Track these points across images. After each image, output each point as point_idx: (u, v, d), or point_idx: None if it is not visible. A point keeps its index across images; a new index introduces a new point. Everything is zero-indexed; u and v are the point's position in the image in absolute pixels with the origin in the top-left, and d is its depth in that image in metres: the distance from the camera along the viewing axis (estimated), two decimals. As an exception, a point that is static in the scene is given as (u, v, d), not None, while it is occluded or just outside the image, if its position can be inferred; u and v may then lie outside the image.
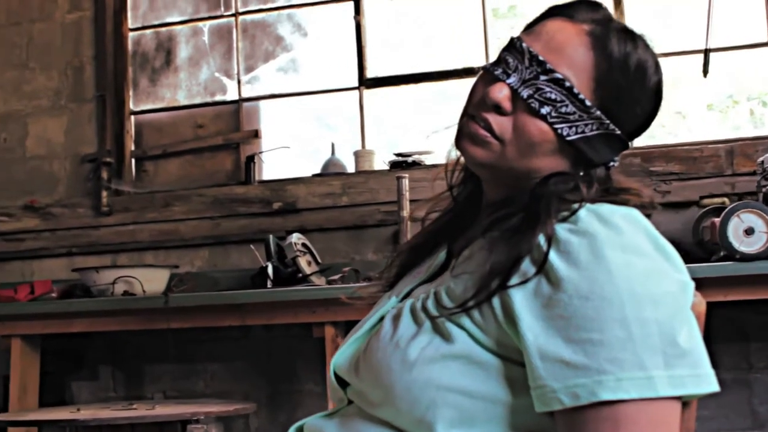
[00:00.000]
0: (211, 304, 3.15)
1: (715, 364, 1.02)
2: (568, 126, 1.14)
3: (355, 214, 3.76)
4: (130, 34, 4.30)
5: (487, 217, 1.18)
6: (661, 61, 1.20)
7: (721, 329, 3.31)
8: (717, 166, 3.43)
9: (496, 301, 1.04)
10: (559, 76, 1.13)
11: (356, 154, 3.86)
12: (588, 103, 1.14)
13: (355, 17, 3.98)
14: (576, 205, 1.07)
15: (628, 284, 0.99)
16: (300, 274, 3.32)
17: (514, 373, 1.04)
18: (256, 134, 4.06)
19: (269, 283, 3.30)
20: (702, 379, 1.00)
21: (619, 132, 1.17)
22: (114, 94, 4.20)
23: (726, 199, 3.31)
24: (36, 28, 4.35)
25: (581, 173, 1.16)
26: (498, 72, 1.16)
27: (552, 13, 1.21)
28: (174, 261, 3.93)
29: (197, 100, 4.22)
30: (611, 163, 1.19)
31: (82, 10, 4.29)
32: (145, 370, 3.98)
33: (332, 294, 3.03)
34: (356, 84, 3.97)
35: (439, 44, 3.96)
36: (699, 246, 3.19)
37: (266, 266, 3.33)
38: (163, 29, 4.29)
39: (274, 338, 3.76)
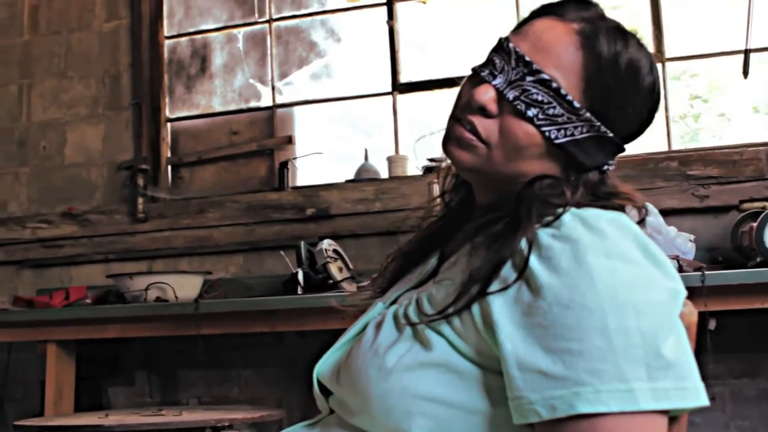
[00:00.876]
0: (241, 311, 3.14)
1: (756, 372, 0.97)
2: (556, 128, 1.10)
3: (388, 219, 3.74)
4: (166, 42, 4.32)
5: (473, 222, 1.14)
6: (702, 62, 1.15)
7: (760, 337, 3.23)
8: (757, 169, 3.34)
9: (475, 309, 1.00)
10: (545, 76, 1.09)
11: (389, 160, 3.84)
12: (576, 104, 1.09)
13: (388, 22, 3.96)
14: (561, 210, 1.03)
15: (611, 292, 0.94)
16: (330, 281, 3.30)
17: (493, 382, 1.00)
18: (289, 140, 4.05)
19: (300, 290, 3.29)
20: (689, 392, 0.95)
21: (611, 135, 1.13)
22: (150, 102, 4.23)
23: (767, 204, 3.23)
24: (74, 38, 4.40)
25: (571, 177, 1.12)
26: (484, 73, 1.13)
27: (541, 12, 1.17)
28: (209, 267, 3.93)
29: (232, 107, 4.23)
30: (605, 167, 1.15)
31: (119, 19, 4.32)
32: (180, 376, 3.99)
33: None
34: (389, 89, 3.95)
35: (472, 48, 3.92)
36: (737, 251, 3.12)
37: (297, 272, 3.32)
38: (198, 36, 4.32)
39: (307, 344, 3.75)
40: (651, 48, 1.18)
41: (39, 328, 3.41)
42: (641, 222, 1.11)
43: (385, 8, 3.98)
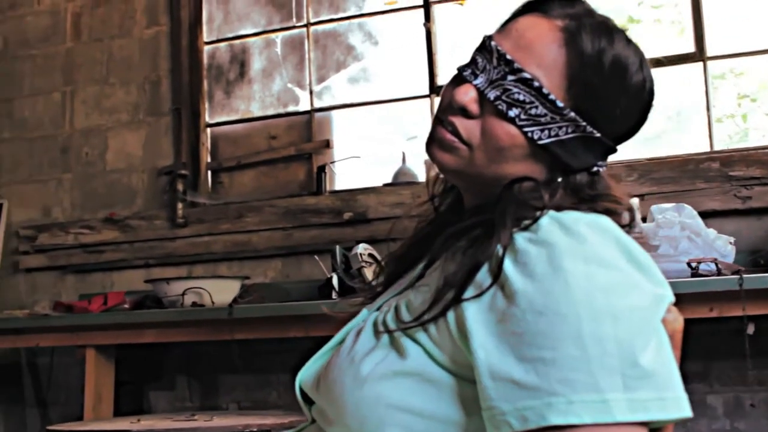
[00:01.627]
0: (275, 315, 3.14)
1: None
2: (539, 129, 1.06)
3: (426, 223, 3.70)
4: (205, 48, 4.34)
5: (455, 226, 1.11)
6: (750, 61, 1.11)
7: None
8: (803, 169, 3.25)
9: (450, 316, 0.97)
10: (527, 75, 1.05)
11: (427, 163, 3.80)
12: (560, 104, 1.05)
13: (425, 24, 3.93)
14: (540, 213, 1.00)
15: (587, 298, 0.90)
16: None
17: (468, 392, 0.97)
18: (327, 144, 4.04)
19: (334, 294, 3.27)
20: (669, 403, 0.90)
21: (598, 135, 1.08)
22: (189, 107, 4.25)
23: (812, 205, 3.14)
24: (116, 45, 4.44)
25: (558, 179, 1.08)
26: (467, 73, 1.10)
27: (526, 8, 1.13)
28: (248, 272, 3.94)
29: (270, 112, 4.23)
30: (594, 168, 1.11)
31: (158, 26, 4.36)
32: (220, 381, 3.99)
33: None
34: (427, 92, 3.92)
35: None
36: (781, 254, 3.03)
37: (331, 277, 3.31)
38: (237, 42, 4.33)
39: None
40: (690, 46, 1.14)
41: (78, 333, 3.45)
42: (628, 225, 1.07)
43: (422, 10, 3.95)
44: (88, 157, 4.42)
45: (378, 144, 4.06)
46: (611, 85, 1.06)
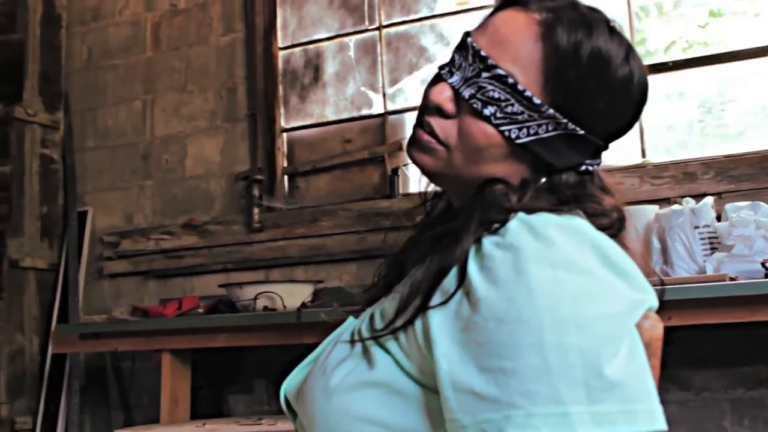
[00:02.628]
0: (342, 320, 3.11)
1: None
2: (516, 127, 1.01)
3: (502, 224, 3.64)
4: (280, 53, 4.37)
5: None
6: None
7: None
8: None
9: (418, 323, 0.93)
10: (501, 72, 1.01)
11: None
12: (536, 100, 1.00)
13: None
14: (510, 215, 0.94)
15: (551, 305, 0.85)
16: (435, 289, 3.24)
17: (434, 403, 0.93)
18: (400, 147, 4.01)
19: (404, 298, 3.24)
20: (638, 416, 0.84)
21: (582, 132, 1.02)
22: (265, 113, 4.27)
23: None
24: (193, 52, 4.51)
25: (541, 179, 1.02)
26: (444, 71, 1.06)
27: (506, 3, 1.08)
28: (323, 276, 3.94)
29: (344, 115, 4.23)
30: (583, 167, 1.05)
31: (234, 32, 4.40)
32: (296, 385, 4.00)
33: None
34: (499, 91, 3.85)
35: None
36: None
37: (401, 280, 3.27)
38: (311, 46, 4.34)
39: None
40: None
41: (153, 337, 3.49)
42: (611, 228, 1.00)
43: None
44: (168, 163, 4.50)
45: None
46: (591, 80, 1.00)
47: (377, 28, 4.17)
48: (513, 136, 1.01)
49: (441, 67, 1.07)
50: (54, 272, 4.57)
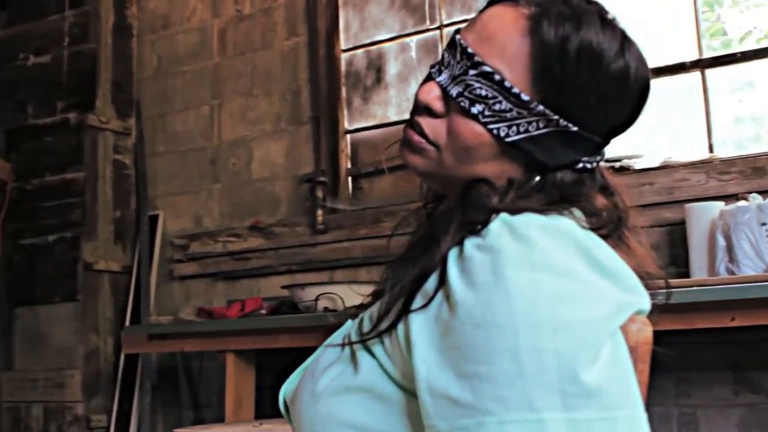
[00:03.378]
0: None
1: None
2: (506, 125, 0.98)
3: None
4: (343, 55, 4.39)
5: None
6: None
7: None
8: None
9: (400, 327, 0.91)
10: (487, 69, 0.98)
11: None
12: (525, 97, 0.97)
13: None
14: (492, 216, 0.92)
15: (528, 308, 0.82)
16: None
17: (416, 409, 0.90)
18: (461, 146, 3.99)
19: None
20: (618, 423, 0.81)
21: (575, 129, 0.99)
22: (328, 115, 4.30)
23: None
24: (258, 57, 4.56)
25: (534, 178, 1.00)
26: (433, 70, 1.04)
27: None
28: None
29: (407, 116, 4.19)
30: (580, 165, 1.02)
31: (297, 36, 4.44)
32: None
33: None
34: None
35: (648, 39, 3.70)
36: None
37: (458, 280, 3.26)
38: (373, 48, 4.35)
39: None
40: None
41: (218, 338, 3.55)
42: (603, 228, 0.97)
43: (553, 5, 3.85)
44: (235, 167, 4.56)
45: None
46: (581, 75, 0.97)
47: (438, 28, 4.16)
48: (502, 134, 0.98)
49: (432, 66, 1.06)
50: (127, 275, 4.68)
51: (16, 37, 4.95)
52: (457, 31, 1.05)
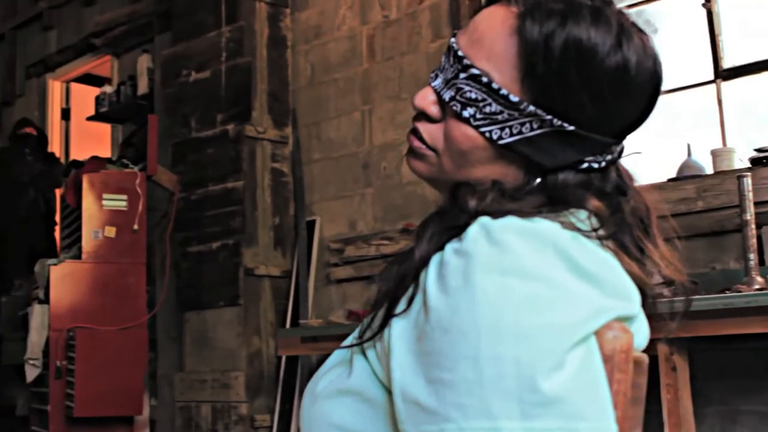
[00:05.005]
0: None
1: None
2: (498, 128, 0.94)
3: (712, 219, 3.44)
4: (486, 55, 4.37)
5: None
6: None
7: None
8: None
9: (386, 331, 0.91)
10: (475, 71, 0.94)
11: (713, 154, 3.53)
12: (513, 98, 0.93)
13: (704, 4, 3.66)
14: (471, 220, 0.89)
15: (492, 315, 0.80)
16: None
17: None
18: (607, 142, 3.89)
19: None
20: None
21: (572, 128, 0.94)
22: (474, 115, 4.29)
23: None
24: (405, 61, 4.61)
25: (535, 180, 0.96)
26: (431, 75, 1.02)
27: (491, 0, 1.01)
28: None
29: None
30: (584, 165, 0.97)
31: (442, 38, 4.46)
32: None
33: (665, 308, 2.82)
34: (712, 77, 3.64)
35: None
36: None
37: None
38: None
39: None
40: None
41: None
42: (596, 230, 0.93)
43: (701, -10, 3.69)
44: (386, 171, 4.63)
45: (661, 137, 3.84)
46: (569, 73, 0.91)
47: (581, 22, 4.07)
48: (495, 137, 0.95)
49: (432, 71, 1.05)
50: (287, 279, 4.84)
51: (179, 55, 5.22)
52: (453, 34, 1.03)
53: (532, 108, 0.94)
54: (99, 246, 4.70)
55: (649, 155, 3.74)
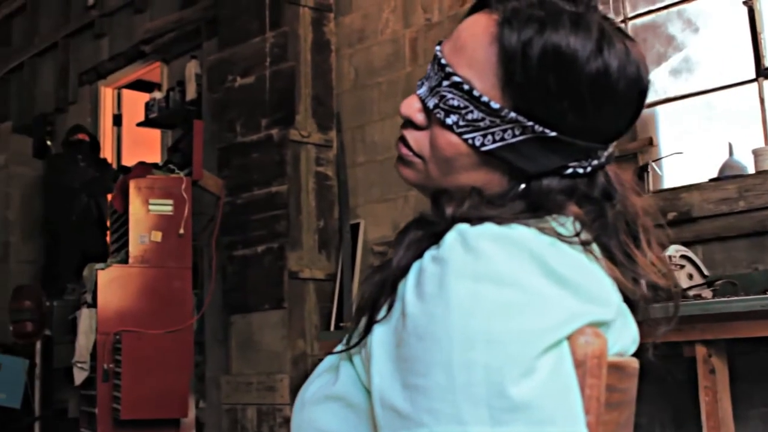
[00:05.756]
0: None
1: None
2: (480, 134, 0.95)
3: (754, 219, 3.39)
4: (529, 56, 4.34)
5: None
6: None
7: None
8: None
9: (369, 337, 0.91)
10: (457, 78, 0.95)
11: (755, 153, 3.48)
12: (494, 105, 0.93)
13: (746, 3, 3.60)
14: (448, 227, 0.90)
15: (464, 321, 0.81)
16: (676, 290, 3.07)
17: None
18: (650, 142, 3.85)
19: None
20: None
21: (554, 134, 0.94)
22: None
23: None
24: (447, 63, 4.60)
25: (519, 186, 0.96)
26: (419, 83, 1.02)
27: (475, 7, 1.01)
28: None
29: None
30: (569, 170, 0.96)
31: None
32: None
33: (703, 310, 2.78)
34: (753, 76, 3.58)
35: None
36: None
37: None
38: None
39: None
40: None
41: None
42: (577, 235, 0.92)
43: (743, -13, 3.63)
44: (429, 174, 4.62)
45: (703, 137, 3.79)
46: (546, 79, 0.91)
47: (623, 21, 4.02)
48: (477, 143, 0.95)
49: (419, 80, 1.06)
50: (331, 282, 4.86)
51: (225, 60, 5.28)
52: (440, 43, 1.04)
53: (513, 115, 0.94)
54: (146, 250, 4.77)
55: (690, 155, 3.70)
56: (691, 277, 3.15)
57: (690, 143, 3.77)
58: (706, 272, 3.24)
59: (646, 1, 3.97)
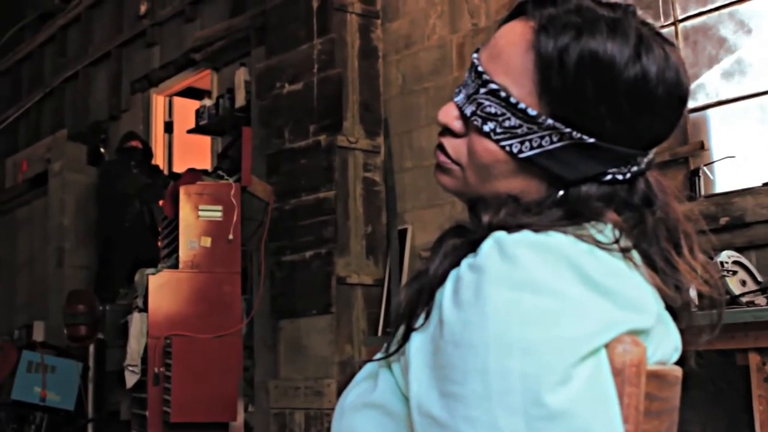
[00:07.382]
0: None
1: None
2: (518, 141, 0.95)
3: (809, 224, 3.32)
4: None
5: None
6: None
7: None
8: None
9: (407, 345, 0.91)
10: (494, 86, 0.96)
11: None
12: (532, 112, 0.93)
13: (800, 3, 3.54)
14: (485, 234, 0.90)
15: (501, 329, 0.81)
16: (728, 296, 3.03)
17: None
18: (702, 146, 3.79)
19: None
20: None
21: (592, 140, 0.93)
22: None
23: None
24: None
25: (558, 193, 0.95)
26: (456, 90, 1.02)
27: (512, 14, 1.01)
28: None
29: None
30: (608, 177, 0.95)
31: (531, 44, 4.42)
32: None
33: (756, 317, 2.74)
34: (809, 77, 3.51)
35: None
36: None
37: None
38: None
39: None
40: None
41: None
42: (616, 242, 0.91)
43: (797, -12, 3.56)
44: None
45: (757, 140, 3.72)
46: (584, 85, 0.91)
47: (673, 23, 3.98)
48: (515, 150, 0.96)
49: (456, 87, 1.06)
50: (379, 287, 4.86)
51: (273, 68, 5.31)
52: (477, 50, 1.04)
53: (550, 121, 0.94)
54: (195, 255, 4.82)
55: (743, 159, 3.64)
56: (744, 283, 3.10)
57: (742, 147, 3.71)
58: (759, 278, 3.18)
59: (697, 3, 3.92)
